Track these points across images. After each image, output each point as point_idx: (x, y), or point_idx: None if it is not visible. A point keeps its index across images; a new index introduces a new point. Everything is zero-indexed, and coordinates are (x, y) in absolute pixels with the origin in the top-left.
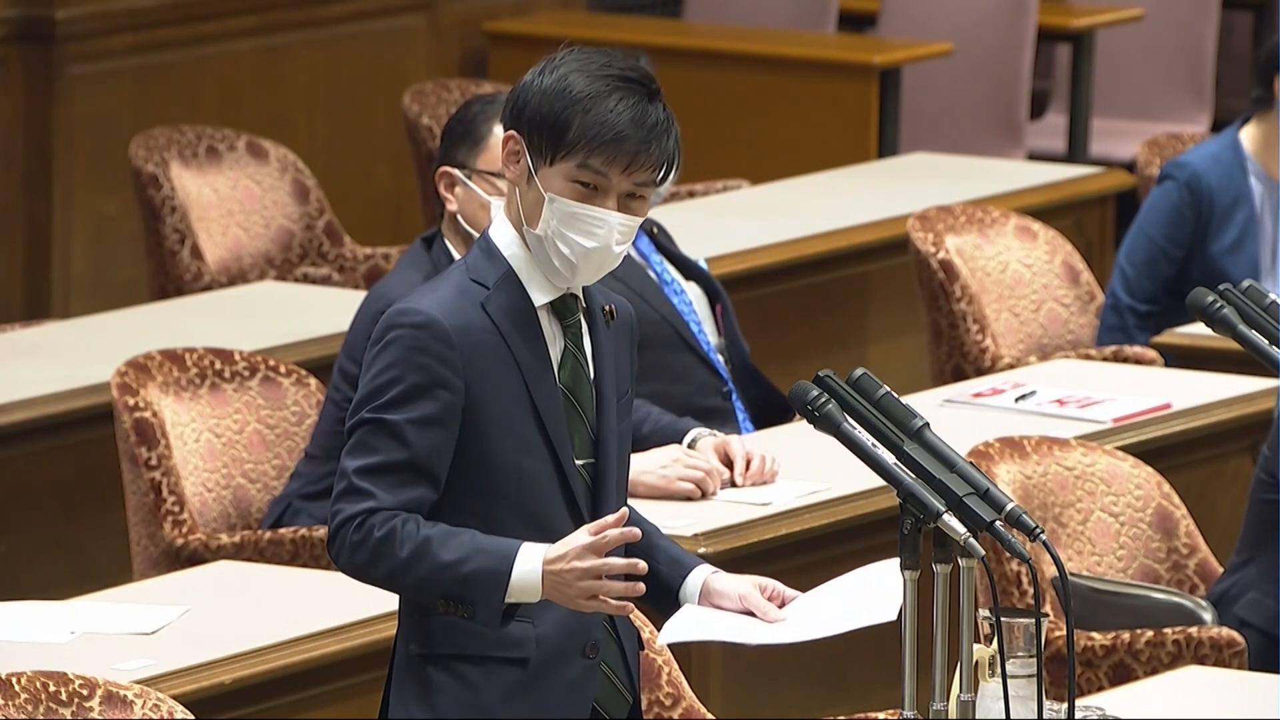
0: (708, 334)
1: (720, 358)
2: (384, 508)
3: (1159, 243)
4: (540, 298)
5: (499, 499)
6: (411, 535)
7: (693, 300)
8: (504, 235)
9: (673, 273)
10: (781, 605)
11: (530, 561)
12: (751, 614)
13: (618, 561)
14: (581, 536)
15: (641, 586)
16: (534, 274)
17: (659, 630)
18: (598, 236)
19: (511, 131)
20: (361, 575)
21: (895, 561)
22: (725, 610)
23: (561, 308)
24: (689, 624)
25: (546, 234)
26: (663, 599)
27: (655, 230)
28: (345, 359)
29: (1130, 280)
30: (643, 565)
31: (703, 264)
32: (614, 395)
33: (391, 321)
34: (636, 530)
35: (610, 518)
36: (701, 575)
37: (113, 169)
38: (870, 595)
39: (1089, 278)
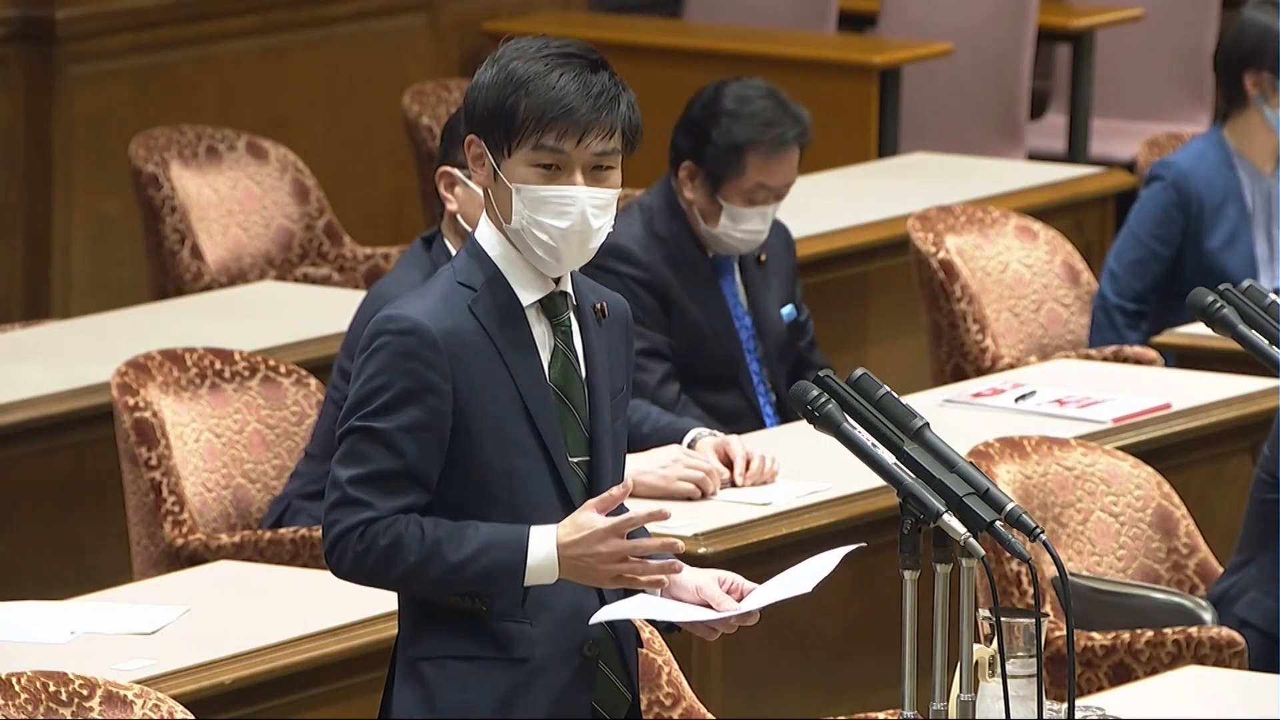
0: (764, 376)
1: (769, 397)
2: (382, 516)
3: (1146, 243)
4: (528, 296)
5: (491, 501)
6: (417, 539)
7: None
8: (488, 237)
9: (745, 304)
10: (740, 599)
11: (544, 545)
12: (708, 605)
13: (649, 543)
14: (596, 519)
15: (679, 564)
16: (520, 272)
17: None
18: (570, 215)
19: (471, 135)
20: (369, 582)
21: (846, 548)
22: (682, 601)
23: (550, 306)
24: (625, 605)
25: (522, 225)
26: (631, 590)
27: (762, 258)
28: (344, 358)
29: (1118, 280)
30: (679, 544)
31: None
32: (607, 393)
33: (378, 328)
34: (667, 510)
35: (617, 489)
36: None
37: (113, 169)
38: (801, 575)
39: (1089, 278)
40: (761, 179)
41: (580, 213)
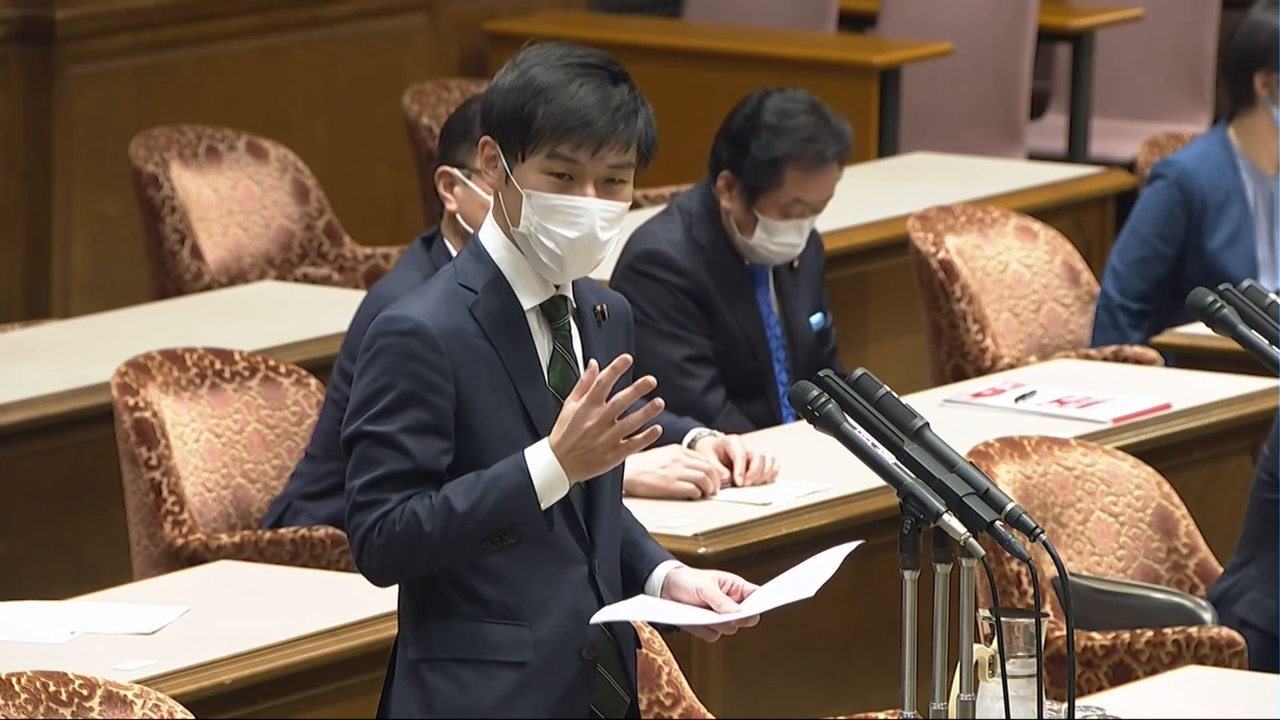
0: (787, 378)
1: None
2: (395, 507)
3: (1150, 241)
4: (529, 300)
5: None
6: (427, 508)
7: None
8: (492, 239)
9: (777, 313)
10: (740, 600)
11: (542, 459)
12: (707, 607)
13: (623, 394)
14: (571, 405)
15: (660, 402)
16: (522, 276)
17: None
18: (580, 225)
19: (486, 136)
20: (403, 571)
21: (845, 547)
22: (681, 603)
23: (551, 310)
24: (626, 607)
25: (530, 231)
26: (630, 591)
27: (795, 265)
28: (345, 358)
29: (1122, 279)
30: (651, 380)
31: (815, 320)
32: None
33: (379, 330)
34: (651, 379)
35: (585, 374)
36: (665, 570)
37: (113, 169)
38: (804, 578)
39: (1089, 278)
40: (799, 194)
41: (590, 225)
